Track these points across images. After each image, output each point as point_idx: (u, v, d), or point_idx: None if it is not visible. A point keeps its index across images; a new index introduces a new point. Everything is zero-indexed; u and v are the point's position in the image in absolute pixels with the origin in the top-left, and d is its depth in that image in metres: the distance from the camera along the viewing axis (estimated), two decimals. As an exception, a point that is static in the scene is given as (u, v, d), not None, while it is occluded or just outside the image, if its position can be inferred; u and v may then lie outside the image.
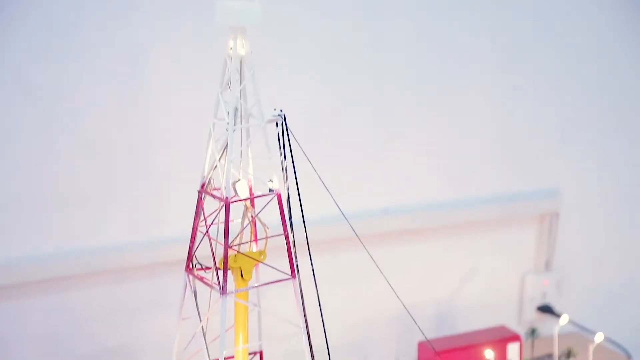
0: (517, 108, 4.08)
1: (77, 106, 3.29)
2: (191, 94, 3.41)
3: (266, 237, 2.72)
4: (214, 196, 2.70)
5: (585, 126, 4.26)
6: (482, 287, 4.14)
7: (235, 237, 2.70)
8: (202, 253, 2.76)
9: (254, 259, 2.69)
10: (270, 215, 2.75)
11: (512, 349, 3.71)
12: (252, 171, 2.75)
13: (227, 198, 2.61)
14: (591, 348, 3.48)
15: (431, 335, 3.54)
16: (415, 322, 3.01)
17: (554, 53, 4.09)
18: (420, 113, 3.87)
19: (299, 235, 2.74)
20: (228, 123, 2.62)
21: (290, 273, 2.71)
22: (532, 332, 3.65)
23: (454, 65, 3.89)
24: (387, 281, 2.92)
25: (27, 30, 3.15)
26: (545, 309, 4.23)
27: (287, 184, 2.72)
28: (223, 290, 2.60)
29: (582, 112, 4.23)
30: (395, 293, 2.93)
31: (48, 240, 3.34)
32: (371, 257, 2.93)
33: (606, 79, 4.25)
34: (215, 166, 2.71)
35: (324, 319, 2.76)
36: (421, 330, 3.01)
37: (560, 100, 4.17)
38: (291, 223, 2.70)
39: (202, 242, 2.73)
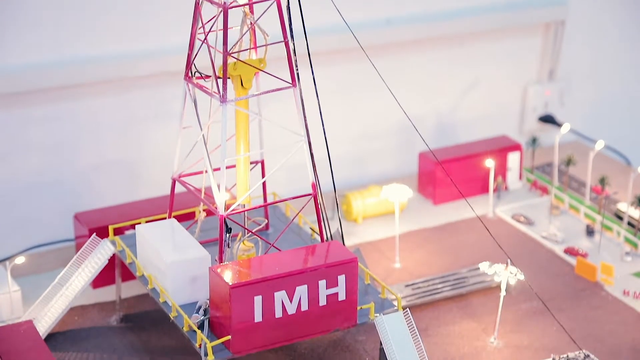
0: None
1: None
2: None
3: (266, 45, 2.68)
4: (211, 1, 2.64)
5: None
6: (484, 97, 4.13)
7: (235, 45, 2.66)
8: (203, 64, 2.72)
9: (253, 66, 2.66)
10: (271, 27, 2.69)
11: (513, 158, 3.73)
12: (251, -24, 2.68)
13: (225, 3, 2.55)
14: (591, 155, 3.50)
15: (432, 146, 3.55)
16: (417, 130, 3.01)
17: None
18: None
19: (299, 45, 2.69)
20: None
21: (290, 82, 2.68)
22: (533, 142, 3.67)
23: None
24: (390, 91, 2.89)
25: None
26: (547, 119, 4.24)
27: (287, -11, 2.65)
28: (223, 99, 2.58)
29: None
30: (398, 103, 2.91)
31: (47, 49, 3.30)
32: (374, 67, 2.90)
33: None
34: (212, -29, 2.63)
35: (325, 130, 2.76)
36: (423, 140, 3.02)
37: None
38: (291, 30, 2.65)
39: (201, 51, 2.70)
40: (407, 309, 2.65)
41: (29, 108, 3.33)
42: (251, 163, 2.87)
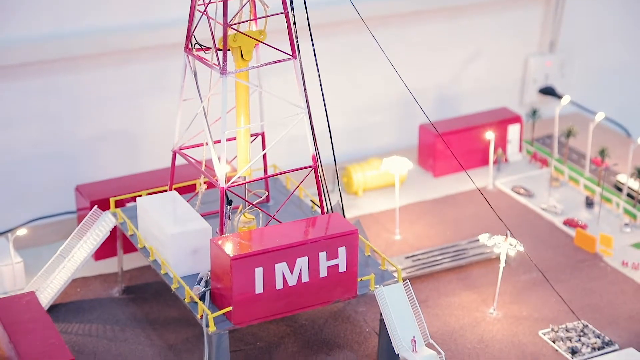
0: None
1: None
2: None
3: (266, 16, 2.68)
4: (211, -26, 2.63)
5: None
6: (484, 69, 4.12)
7: (234, 16, 2.66)
8: (203, 36, 2.72)
9: (253, 38, 2.66)
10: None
11: (513, 130, 3.74)
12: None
13: (224, -25, 2.55)
14: (591, 127, 3.50)
15: (433, 118, 3.55)
16: (417, 102, 3.01)
17: None
18: None
19: (300, 16, 2.69)
20: None
21: (291, 53, 2.67)
22: (534, 113, 3.66)
23: None
24: (391, 63, 2.89)
25: None
26: (547, 91, 4.23)
27: (286, -40, 2.64)
28: (223, 70, 2.58)
29: None
30: (399, 75, 2.90)
31: (47, 21, 3.29)
32: (375, 38, 2.89)
33: None
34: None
35: (325, 102, 2.76)
36: (423, 112, 3.01)
37: None
38: (291, 1, 2.65)
39: (201, 23, 2.69)
40: (407, 280, 2.66)
41: (29, 80, 3.33)
42: (251, 135, 2.87)
